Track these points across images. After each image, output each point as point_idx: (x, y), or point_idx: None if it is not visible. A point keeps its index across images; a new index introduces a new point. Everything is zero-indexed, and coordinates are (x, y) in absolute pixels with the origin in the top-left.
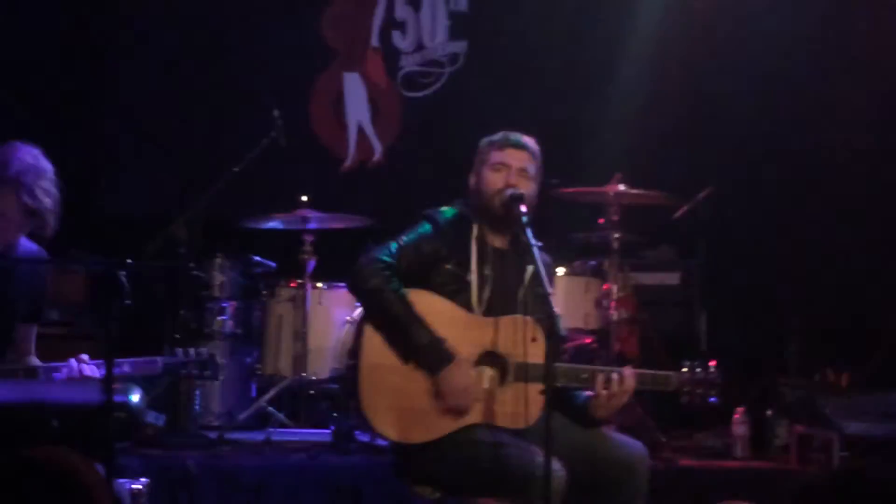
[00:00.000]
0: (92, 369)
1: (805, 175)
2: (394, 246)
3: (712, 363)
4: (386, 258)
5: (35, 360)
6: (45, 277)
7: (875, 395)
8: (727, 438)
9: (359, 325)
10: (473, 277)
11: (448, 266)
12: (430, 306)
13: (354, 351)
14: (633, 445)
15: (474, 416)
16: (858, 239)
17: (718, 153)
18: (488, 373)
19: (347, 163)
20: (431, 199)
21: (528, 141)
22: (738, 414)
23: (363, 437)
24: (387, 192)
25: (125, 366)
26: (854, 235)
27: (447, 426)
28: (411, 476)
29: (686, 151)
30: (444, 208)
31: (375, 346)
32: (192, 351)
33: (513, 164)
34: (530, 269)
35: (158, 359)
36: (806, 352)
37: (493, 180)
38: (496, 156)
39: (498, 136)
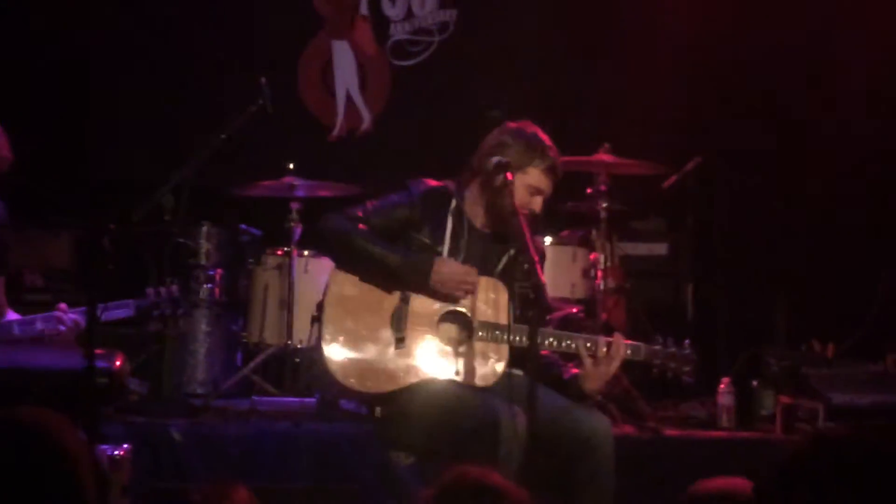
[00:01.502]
0: (70, 318)
1: (796, 146)
2: (367, 205)
3: (686, 341)
4: (357, 213)
5: (10, 314)
6: (4, 230)
7: (860, 366)
8: (712, 409)
9: (328, 280)
10: (444, 250)
11: (419, 236)
12: None
13: (320, 305)
14: (593, 417)
15: (436, 371)
16: (848, 212)
17: (708, 123)
18: (452, 330)
19: (335, 131)
20: (419, 168)
21: (559, 160)
22: (724, 384)
23: (348, 406)
24: (375, 160)
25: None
26: (844, 208)
27: (408, 378)
28: (386, 441)
29: (676, 121)
30: (425, 180)
31: (340, 296)
32: (162, 290)
33: (545, 192)
34: (510, 252)
35: (130, 301)
36: (792, 323)
37: (522, 198)
38: (538, 178)
39: (544, 154)
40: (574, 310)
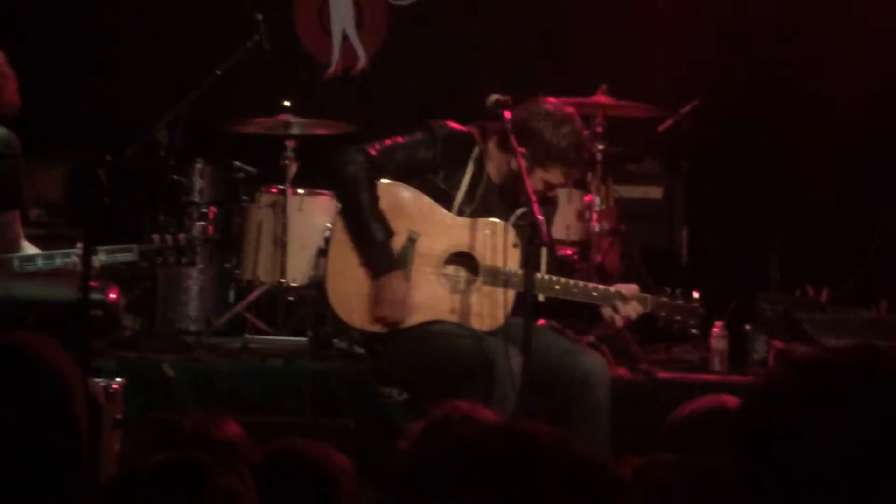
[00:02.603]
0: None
1: (794, 92)
2: (388, 144)
3: (696, 293)
4: (371, 151)
5: (31, 247)
6: (16, 161)
7: (853, 311)
8: (705, 352)
9: (335, 218)
10: (459, 194)
11: (435, 179)
12: (410, 198)
13: (327, 241)
14: (590, 358)
15: (439, 314)
16: (843, 156)
17: (707, 67)
18: (457, 272)
19: (331, 70)
20: (415, 107)
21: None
22: (717, 328)
23: (341, 345)
24: (370, 99)
25: (101, 253)
26: (839, 153)
27: (413, 318)
28: (380, 378)
29: (673, 64)
30: (449, 123)
31: (345, 239)
32: (168, 237)
33: (558, 185)
34: (519, 211)
35: (134, 246)
36: (786, 268)
37: (536, 186)
38: (557, 177)
39: (571, 158)
40: (569, 252)
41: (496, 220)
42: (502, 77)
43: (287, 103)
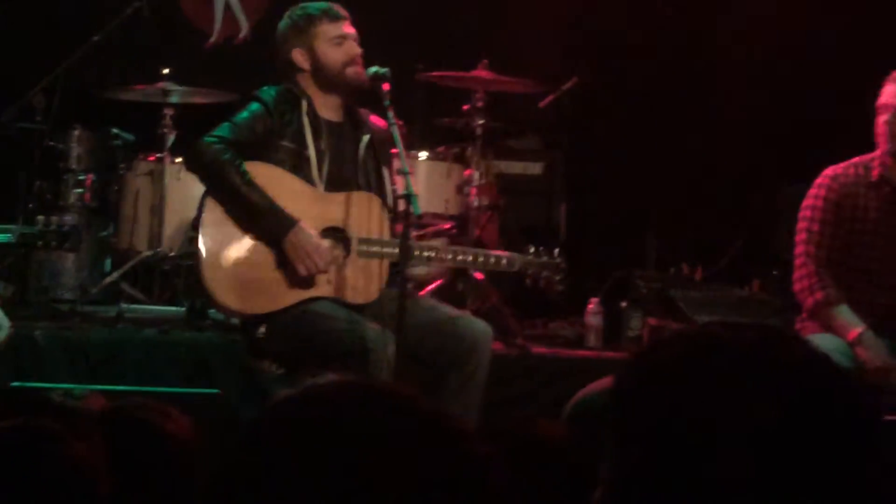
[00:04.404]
0: None
1: (674, 70)
2: (227, 125)
3: (556, 249)
4: (222, 134)
5: None
6: None
7: (727, 289)
8: (581, 328)
9: (202, 197)
10: (311, 152)
11: (284, 142)
12: (272, 178)
13: (197, 219)
14: (477, 323)
15: (316, 290)
16: (722, 135)
17: (588, 43)
18: (331, 247)
19: (213, 38)
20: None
21: (341, 7)
22: (592, 304)
23: (217, 315)
24: (252, 68)
25: None
26: (717, 132)
27: (290, 297)
28: (256, 352)
29: (555, 39)
30: (267, 87)
31: (218, 216)
32: (52, 219)
33: (349, 35)
34: (365, 139)
35: (14, 227)
36: (663, 245)
37: (337, 54)
38: (331, 29)
39: (314, 8)
40: (447, 226)
41: (364, 193)
42: (384, 50)
43: (166, 71)
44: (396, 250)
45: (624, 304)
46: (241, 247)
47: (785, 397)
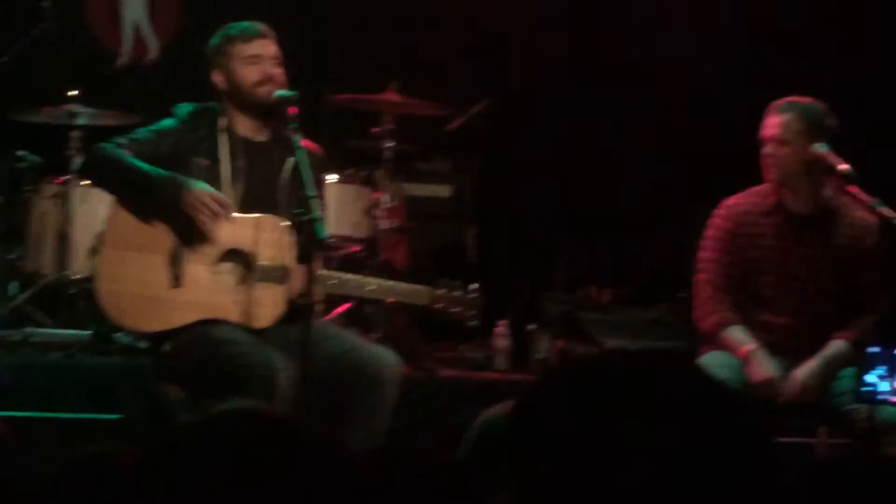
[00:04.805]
0: None
1: (586, 92)
2: (128, 135)
3: (473, 285)
4: (118, 140)
5: None
6: None
7: (634, 312)
8: (489, 351)
9: (107, 215)
10: (225, 169)
11: (197, 158)
12: None
13: (98, 238)
14: (382, 354)
15: (215, 312)
16: (632, 160)
17: (498, 65)
18: (232, 270)
19: (122, 59)
20: (207, 99)
21: (268, 28)
22: (500, 327)
23: (124, 339)
24: (161, 90)
25: None
26: (628, 155)
27: (185, 317)
28: (160, 375)
29: (464, 62)
30: (185, 104)
31: (118, 231)
32: None
33: (265, 55)
34: (291, 160)
35: None
36: (572, 268)
37: (250, 74)
38: (245, 49)
39: (235, 29)
40: (355, 249)
41: (271, 216)
42: (293, 72)
43: (73, 92)
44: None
45: (532, 326)
46: (136, 265)
47: (685, 424)
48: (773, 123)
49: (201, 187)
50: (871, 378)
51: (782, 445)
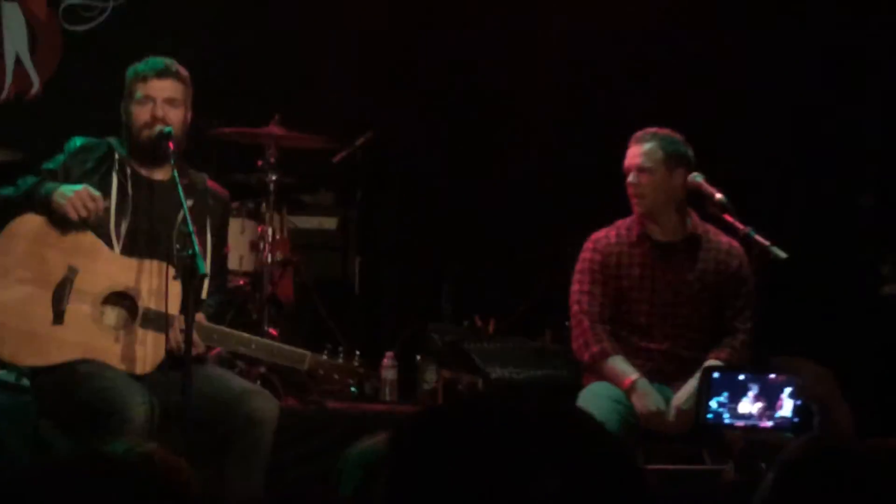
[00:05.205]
0: None
1: (470, 124)
2: (29, 179)
3: (357, 352)
4: (20, 183)
5: None
6: None
7: (520, 341)
8: (376, 382)
9: None
10: (111, 203)
11: None
12: (72, 230)
13: None
14: (260, 397)
15: (93, 353)
16: (515, 190)
17: (382, 98)
18: (115, 312)
19: (3, 95)
20: (92, 135)
21: (173, 66)
22: (387, 358)
23: (8, 377)
24: (44, 126)
25: None
26: (511, 186)
27: (63, 355)
28: (40, 411)
29: (348, 95)
30: (78, 137)
31: (5, 261)
32: None
33: (157, 97)
34: (188, 203)
35: None
36: (459, 299)
37: (140, 114)
38: (140, 88)
39: (141, 65)
40: (241, 282)
41: (158, 262)
42: None
43: None
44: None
45: (419, 357)
46: (21, 296)
47: (564, 465)
48: (635, 153)
49: (74, 186)
50: (713, 404)
51: (678, 473)
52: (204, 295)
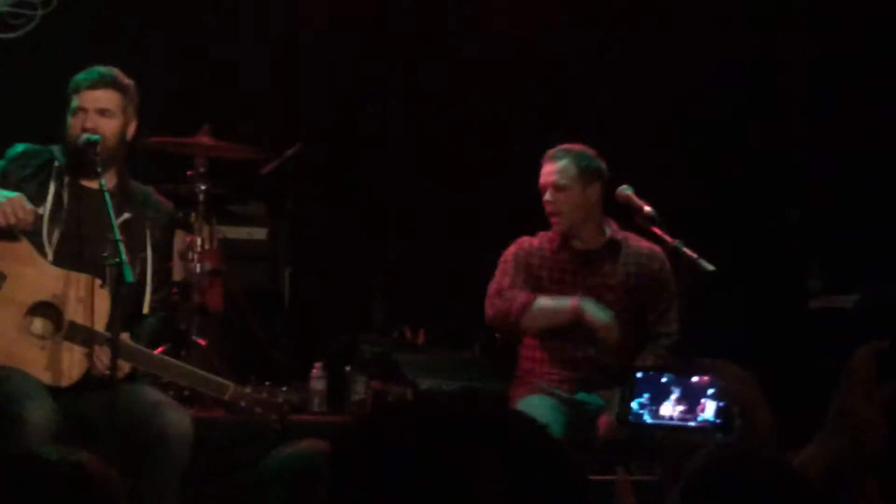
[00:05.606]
0: None
1: (404, 134)
2: None
3: (284, 388)
4: None
5: None
6: None
7: (449, 352)
8: (305, 393)
9: None
10: (46, 210)
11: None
12: (3, 239)
13: None
14: (172, 415)
15: (14, 361)
16: (447, 199)
17: (314, 108)
18: (41, 322)
19: None
20: (15, 144)
21: (109, 76)
22: (316, 369)
23: None
24: None
25: None
26: (443, 196)
27: None
28: None
29: (278, 106)
30: (19, 144)
31: None
32: None
33: (89, 107)
34: (126, 216)
35: None
36: (388, 310)
37: (73, 124)
38: (74, 99)
39: (79, 76)
40: (172, 292)
41: (88, 276)
42: None
43: None
44: (104, 346)
45: (348, 367)
46: None
47: (509, 468)
48: (549, 171)
49: (9, 193)
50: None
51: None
52: (146, 310)
